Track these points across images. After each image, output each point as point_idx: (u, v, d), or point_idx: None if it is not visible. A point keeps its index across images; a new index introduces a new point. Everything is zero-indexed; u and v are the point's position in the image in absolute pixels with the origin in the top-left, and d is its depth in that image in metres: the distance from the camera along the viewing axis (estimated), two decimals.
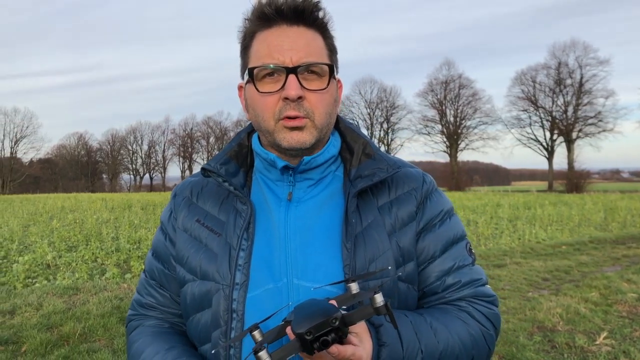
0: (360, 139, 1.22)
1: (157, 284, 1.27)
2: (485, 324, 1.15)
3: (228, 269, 1.10)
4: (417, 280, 1.17)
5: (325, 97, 1.12)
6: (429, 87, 64.20)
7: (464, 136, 62.60)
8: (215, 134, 77.05)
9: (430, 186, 1.23)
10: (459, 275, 1.17)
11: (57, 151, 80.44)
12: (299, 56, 1.08)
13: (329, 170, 1.20)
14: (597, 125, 55.03)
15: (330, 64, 1.12)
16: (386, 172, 1.15)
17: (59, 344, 5.10)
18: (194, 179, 1.30)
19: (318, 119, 1.11)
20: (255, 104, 1.13)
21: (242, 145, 1.25)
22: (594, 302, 6.61)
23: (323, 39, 1.15)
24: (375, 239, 1.12)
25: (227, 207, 1.19)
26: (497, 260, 9.83)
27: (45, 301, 6.52)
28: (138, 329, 1.26)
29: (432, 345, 1.04)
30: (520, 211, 21.41)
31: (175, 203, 1.27)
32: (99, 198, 33.53)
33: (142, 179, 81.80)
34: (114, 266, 9.28)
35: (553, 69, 57.27)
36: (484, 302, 1.18)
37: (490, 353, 1.16)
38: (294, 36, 1.10)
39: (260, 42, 1.12)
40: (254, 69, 1.10)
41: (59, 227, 16.12)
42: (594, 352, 4.87)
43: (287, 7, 1.09)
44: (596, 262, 9.70)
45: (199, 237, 1.18)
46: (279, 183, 1.18)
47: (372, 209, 1.16)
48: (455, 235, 1.21)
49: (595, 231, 14.53)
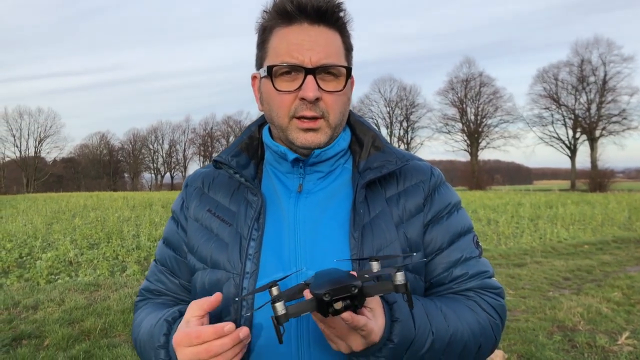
0: (370, 132, 1.23)
1: (168, 271, 1.28)
2: (493, 314, 1.15)
3: (238, 258, 1.12)
4: (424, 271, 1.18)
5: (341, 98, 1.13)
6: (449, 85, 63.87)
7: (485, 135, 62.07)
8: (235, 133, 77.35)
9: (438, 179, 1.24)
10: (466, 267, 1.18)
11: (80, 150, 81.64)
12: (319, 57, 1.08)
13: (339, 163, 1.22)
14: (621, 123, 54.16)
15: (348, 67, 1.13)
16: (395, 165, 1.17)
17: (80, 338, 5.19)
18: (205, 170, 1.32)
19: (332, 119, 1.13)
20: (271, 100, 1.14)
21: (252, 137, 1.27)
22: (616, 302, 6.51)
23: (341, 38, 1.15)
24: (382, 229, 1.13)
25: (238, 198, 1.20)
26: (517, 259, 9.74)
27: (67, 297, 6.64)
28: (144, 306, 1.29)
29: (443, 328, 1.05)
30: (542, 210, 21.16)
31: (187, 193, 1.29)
32: (121, 197, 33.95)
33: (163, 178, 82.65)
34: (135, 263, 9.40)
35: (576, 66, 56.49)
36: (491, 294, 1.18)
37: (496, 342, 1.16)
38: (315, 36, 1.10)
39: (279, 38, 1.12)
40: (273, 66, 1.11)
41: (81, 225, 16.37)
42: (615, 352, 4.80)
43: (311, 6, 1.09)
44: (619, 262, 9.55)
45: (210, 226, 1.20)
46: (289, 175, 1.20)
47: (380, 200, 1.17)
48: (463, 227, 1.22)
49: (618, 231, 14.29)
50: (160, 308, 1.22)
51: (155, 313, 1.18)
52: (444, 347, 1.04)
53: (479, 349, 1.10)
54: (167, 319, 1.09)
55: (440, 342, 1.03)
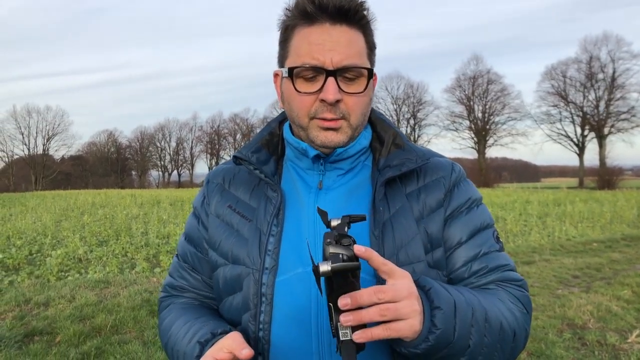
0: (391, 130, 1.23)
1: (189, 267, 1.29)
2: (519, 305, 1.13)
3: (258, 254, 1.12)
4: (445, 266, 1.17)
5: (362, 99, 1.13)
6: (456, 82, 63.55)
7: (493, 132, 61.81)
8: (242, 131, 77.54)
9: (459, 175, 1.23)
10: (485, 260, 1.16)
11: (88, 148, 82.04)
12: (340, 58, 1.08)
13: (359, 161, 1.22)
14: (630, 121, 53.72)
15: (369, 68, 1.12)
16: (415, 163, 1.16)
17: (92, 335, 5.23)
18: (226, 166, 1.33)
19: (354, 120, 1.13)
20: (292, 100, 1.14)
21: (273, 134, 1.27)
22: (626, 300, 6.49)
23: (364, 37, 1.14)
24: (403, 225, 1.13)
25: (258, 194, 1.21)
26: (525, 257, 9.71)
27: (77, 294, 6.68)
28: (170, 306, 1.29)
29: (477, 303, 1.01)
30: (550, 208, 21.08)
31: (208, 189, 1.30)
32: (128, 194, 34.08)
33: (170, 176, 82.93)
34: (144, 260, 9.45)
35: (584, 63, 56.10)
36: (514, 286, 1.16)
37: (527, 334, 1.13)
38: (337, 36, 1.09)
39: (301, 38, 1.11)
40: (294, 68, 1.10)
41: (90, 222, 16.47)
42: (625, 351, 4.79)
43: (333, 5, 1.08)
44: (629, 260, 9.51)
45: (230, 222, 1.21)
46: (309, 172, 1.20)
47: (400, 196, 1.16)
48: (483, 222, 1.21)
49: (628, 228, 14.22)
50: (187, 313, 1.23)
51: (183, 319, 1.20)
52: (484, 324, 0.99)
53: (514, 336, 1.06)
54: (200, 340, 1.09)
55: (480, 317, 0.99)
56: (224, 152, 79.66)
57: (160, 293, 1.36)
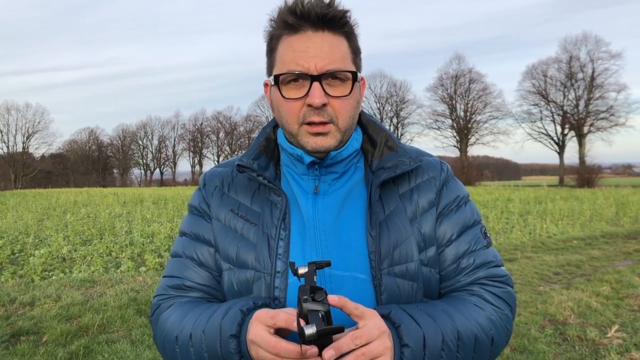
0: (383, 132, 1.28)
1: (196, 264, 1.26)
2: (500, 305, 1.19)
3: (268, 258, 1.15)
4: (437, 263, 1.22)
5: (348, 102, 1.16)
6: (439, 81, 64.04)
7: (474, 131, 62.39)
8: (225, 129, 77.22)
9: (447, 174, 1.29)
10: (473, 257, 1.22)
11: (69, 146, 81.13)
12: (324, 63, 1.11)
13: (352, 163, 1.26)
14: (608, 120, 54.69)
15: (353, 71, 1.15)
16: (409, 165, 1.21)
17: (79, 334, 5.23)
18: (222, 169, 1.34)
19: (342, 123, 1.16)
20: (280, 107, 1.17)
21: (269, 139, 1.30)
22: (606, 296, 6.64)
23: (348, 42, 1.17)
24: (398, 225, 1.18)
25: (259, 198, 1.24)
26: (508, 254, 9.86)
27: (63, 293, 6.66)
28: (174, 305, 1.22)
29: (450, 326, 1.08)
30: (531, 206, 21.36)
31: (206, 191, 1.30)
32: (111, 193, 33.80)
33: (152, 174, 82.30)
34: (129, 259, 9.42)
35: (564, 62, 56.93)
36: (497, 283, 1.22)
37: (509, 333, 1.19)
38: (319, 42, 1.12)
39: (285, 46, 1.14)
40: (279, 76, 1.14)
41: (73, 221, 16.34)
42: (605, 345, 4.92)
43: (315, 14, 1.11)
44: (608, 257, 9.71)
45: (234, 226, 1.22)
46: (305, 177, 1.23)
47: (394, 197, 1.21)
48: (471, 219, 1.27)
49: (606, 226, 14.50)
50: (202, 304, 1.19)
51: (201, 307, 1.16)
52: (456, 343, 1.07)
53: (492, 342, 1.13)
54: (242, 309, 1.06)
55: (451, 339, 1.06)
56: (207, 150, 79.33)
57: (156, 297, 1.28)
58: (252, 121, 74.52)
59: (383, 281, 1.14)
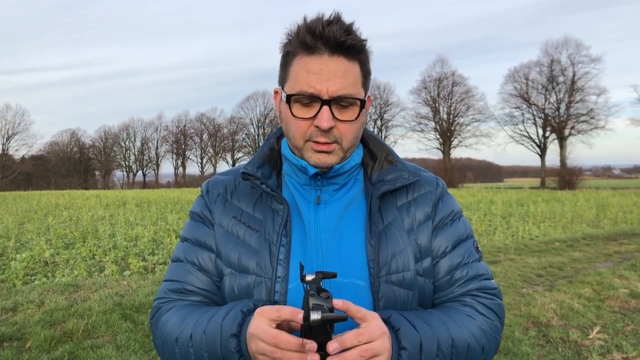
0: (383, 147, 1.33)
1: (197, 269, 1.28)
2: (490, 316, 1.24)
3: (269, 263, 1.19)
4: (432, 274, 1.27)
5: (354, 126, 1.20)
6: (422, 84, 64.53)
7: (457, 133, 62.92)
8: (208, 131, 76.92)
9: (443, 189, 1.35)
10: (466, 269, 1.28)
11: (50, 148, 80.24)
12: (335, 88, 1.14)
13: (352, 175, 1.31)
14: (589, 123, 55.58)
15: (362, 99, 1.19)
16: (408, 179, 1.27)
17: (63, 340, 5.17)
18: (224, 177, 1.38)
19: (346, 144, 1.21)
20: (289, 123, 1.21)
21: (272, 149, 1.34)
22: (587, 298, 6.74)
23: (360, 66, 1.20)
24: (396, 236, 1.23)
25: (262, 206, 1.27)
26: (491, 256, 9.96)
27: (46, 298, 6.58)
28: (174, 308, 1.24)
29: (445, 334, 1.13)
30: (514, 208, 21.60)
31: (209, 198, 1.33)
32: (93, 195, 33.47)
33: (135, 176, 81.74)
34: (112, 263, 9.34)
35: (546, 66, 57.79)
36: (488, 295, 1.27)
37: (498, 343, 1.25)
38: (334, 67, 1.15)
39: (300, 66, 1.17)
40: (291, 96, 1.17)
41: (55, 224, 16.13)
42: (587, 346, 5.00)
43: (334, 40, 1.14)
44: (589, 259, 9.86)
45: (236, 233, 1.26)
46: (307, 187, 1.27)
47: (392, 208, 1.27)
48: (464, 234, 1.33)
49: (587, 228, 14.71)
50: (203, 306, 1.23)
51: (202, 309, 1.19)
52: (450, 350, 1.12)
53: (483, 351, 1.18)
54: (243, 309, 1.09)
55: (445, 346, 1.11)
56: (190, 152, 78.97)
57: (157, 300, 1.30)
58: (235, 123, 74.45)
59: (381, 288, 1.18)
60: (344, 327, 1.01)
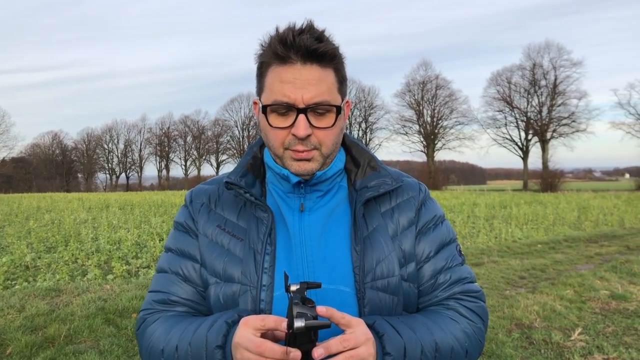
0: (366, 154, 1.34)
1: (182, 279, 1.28)
2: (474, 319, 1.26)
3: (254, 272, 1.19)
4: (416, 278, 1.29)
5: (332, 131, 1.21)
6: (406, 87, 64.75)
7: (441, 136, 63.27)
8: (192, 133, 76.49)
9: (425, 194, 1.36)
10: (449, 273, 1.29)
11: (31, 150, 79.15)
12: (310, 96, 1.15)
13: (335, 182, 1.31)
14: (570, 126, 56.23)
15: (338, 105, 1.19)
16: (391, 185, 1.28)
17: (45, 345, 5.11)
18: (207, 186, 1.38)
19: (325, 150, 1.21)
20: (267, 132, 1.22)
21: (255, 157, 1.35)
22: (569, 300, 6.82)
23: (334, 73, 1.20)
24: (380, 242, 1.24)
25: (246, 215, 1.27)
26: (475, 259, 10.03)
27: (27, 303, 6.50)
28: (160, 319, 1.25)
29: (429, 339, 1.14)
30: (497, 210, 21.77)
31: (193, 208, 1.33)
32: (75, 198, 33.11)
33: (118, 179, 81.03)
34: (95, 267, 9.24)
35: (528, 70, 58.33)
36: (471, 298, 1.29)
37: (482, 345, 1.27)
38: (307, 75, 1.15)
39: (274, 76, 1.18)
40: (267, 106, 1.18)
41: (36, 227, 15.93)
42: (569, 348, 5.06)
43: (305, 48, 1.14)
44: (570, 261, 9.97)
45: (221, 242, 1.26)
46: (290, 195, 1.28)
47: (376, 215, 1.28)
48: (447, 238, 1.34)
49: (569, 230, 14.88)
50: (189, 317, 1.23)
51: (188, 320, 1.20)
52: (434, 354, 1.13)
53: (466, 354, 1.20)
54: (227, 321, 1.10)
55: (429, 350, 1.13)
56: (174, 155, 78.44)
57: (142, 312, 1.30)
58: (220, 125, 74.09)
59: (366, 294, 1.19)
60: (328, 333, 1.02)
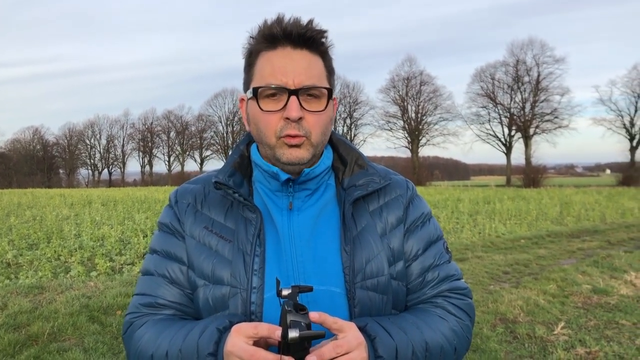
0: (353, 152, 1.33)
1: (168, 282, 1.26)
2: (461, 316, 1.27)
3: (244, 274, 1.17)
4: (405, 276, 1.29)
5: (322, 117, 1.20)
6: (391, 83, 64.88)
7: (425, 132, 63.56)
8: (176, 128, 75.94)
9: (413, 192, 1.36)
10: (437, 271, 1.30)
11: (11, 145, 78.09)
12: (301, 79, 1.16)
13: (323, 180, 1.30)
14: (553, 122, 56.86)
15: (329, 88, 1.21)
16: (379, 183, 1.28)
17: (28, 344, 5.05)
18: (193, 186, 1.34)
19: (315, 137, 1.20)
20: (258, 120, 1.20)
21: (242, 156, 1.32)
22: (552, 294, 6.91)
23: (323, 62, 1.23)
24: (369, 241, 1.23)
25: (233, 215, 1.25)
26: (459, 254, 10.10)
27: (9, 301, 6.41)
28: (148, 322, 1.22)
29: (419, 338, 1.15)
30: (480, 206, 21.94)
31: (179, 209, 1.30)
32: (57, 194, 32.70)
33: (100, 174, 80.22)
34: (78, 264, 9.14)
35: (511, 66, 58.82)
36: (459, 295, 1.30)
37: (469, 342, 1.28)
38: (298, 59, 1.17)
39: (264, 62, 1.19)
40: (258, 88, 1.18)
41: (17, 224, 15.71)
42: (552, 342, 5.12)
43: (296, 32, 1.16)
44: (553, 255, 10.10)
45: (208, 243, 1.23)
46: (279, 194, 1.26)
47: (365, 214, 1.27)
48: (434, 235, 1.35)
49: (551, 225, 15.04)
50: (178, 321, 1.21)
51: (177, 325, 1.18)
52: (424, 354, 1.14)
53: (455, 351, 1.21)
54: (219, 327, 1.08)
55: (420, 350, 1.13)
56: (157, 150, 77.85)
57: (128, 315, 1.28)
58: (203, 120, 73.64)
59: (357, 294, 1.18)
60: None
